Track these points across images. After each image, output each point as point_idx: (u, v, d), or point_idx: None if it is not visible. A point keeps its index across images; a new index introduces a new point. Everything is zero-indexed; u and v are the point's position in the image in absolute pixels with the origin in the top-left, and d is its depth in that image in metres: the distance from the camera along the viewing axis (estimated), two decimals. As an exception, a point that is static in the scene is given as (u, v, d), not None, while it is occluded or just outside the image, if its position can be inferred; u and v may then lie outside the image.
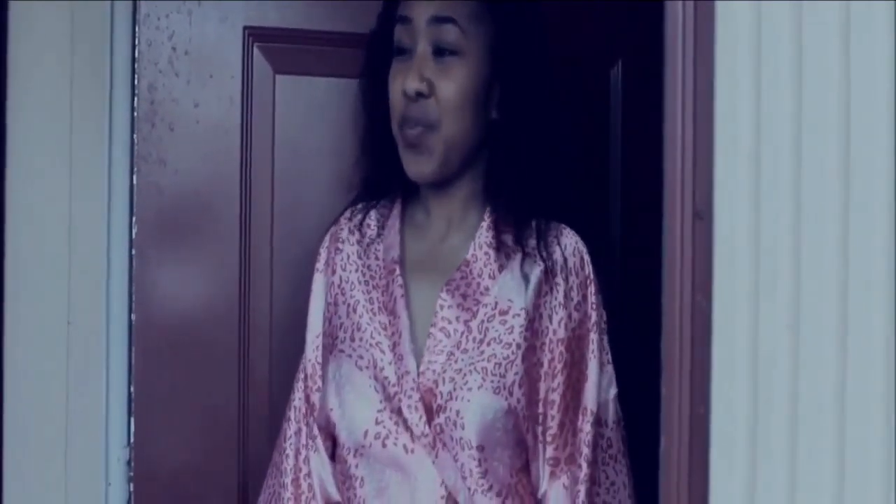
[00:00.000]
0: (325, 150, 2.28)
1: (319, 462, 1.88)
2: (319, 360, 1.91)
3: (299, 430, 1.92)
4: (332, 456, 1.88)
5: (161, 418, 2.26)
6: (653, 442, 1.38)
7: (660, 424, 1.35)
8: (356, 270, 1.89)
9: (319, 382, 1.90)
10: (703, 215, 1.31)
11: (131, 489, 2.28)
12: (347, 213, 1.95)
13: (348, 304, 1.88)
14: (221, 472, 2.27)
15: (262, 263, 2.29)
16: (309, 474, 1.89)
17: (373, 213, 1.93)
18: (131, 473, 2.28)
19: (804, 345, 1.27)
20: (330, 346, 1.89)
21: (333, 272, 1.92)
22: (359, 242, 1.91)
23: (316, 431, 1.88)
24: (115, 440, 2.31)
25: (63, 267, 2.29)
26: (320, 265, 1.94)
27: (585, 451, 1.82)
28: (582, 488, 1.81)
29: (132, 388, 2.28)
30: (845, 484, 1.25)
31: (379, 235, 1.91)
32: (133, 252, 2.28)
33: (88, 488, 2.30)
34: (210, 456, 2.26)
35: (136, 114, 2.27)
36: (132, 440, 2.28)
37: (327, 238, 1.95)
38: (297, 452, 1.91)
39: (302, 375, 1.94)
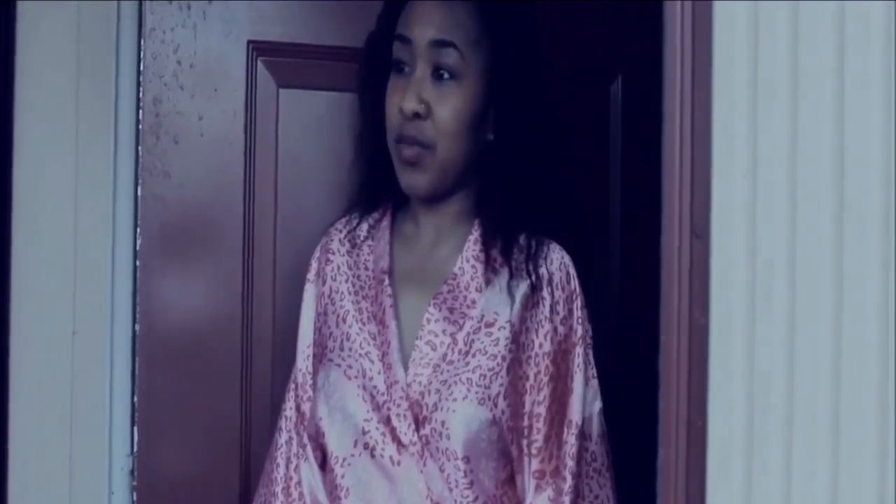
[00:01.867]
0: (328, 162, 2.30)
1: (310, 471, 1.89)
2: (310, 369, 1.92)
3: (290, 439, 1.92)
4: (323, 465, 1.88)
5: (164, 428, 2.27)
6: (650, 456, 1.40)
7: (657, 437, 1.37)
8: (346, 281, 1.91)
9: (310, 392, 1.91)
10: (700, 233, 1.33)
11: (134, 498, 2.29)
12: (339, 224, 1.97)
13: (338, 315, 1.89)
14: (224, 481, 2.28)
15: (264, 274, 2.30)
16: (300, 483, 1.89)
17: (363, 224, 1.94)
18: (134, 483, 2.29)
19: (799, 359, 1.28)
20: (320, 355, 1.90)
21: (324, 282, 1.93)
22: (349, 253, 1.93)
23: (306, 440, 1.89)
24: (118, 449, 2.32)
25: (68, 278, 2.30)
26: (311, 276, 1.95)
27: (570, 463, 1.83)
28: (566, 500, 1.82)
29: (135, 398, 2.29)
30: (839, 495, 1.26)
31: (369, 246, 1.93)
32: (137, 263, 2.29)
33: (92, 497, 2.31)
34: (212, 465, 2.27)
35: (141, 126, 2.28)
36: (135, 449, 2.29)
37: (318, 249, 1.96)
38: (288, 461, 1.91)
39: (293, 385, 1.95)
